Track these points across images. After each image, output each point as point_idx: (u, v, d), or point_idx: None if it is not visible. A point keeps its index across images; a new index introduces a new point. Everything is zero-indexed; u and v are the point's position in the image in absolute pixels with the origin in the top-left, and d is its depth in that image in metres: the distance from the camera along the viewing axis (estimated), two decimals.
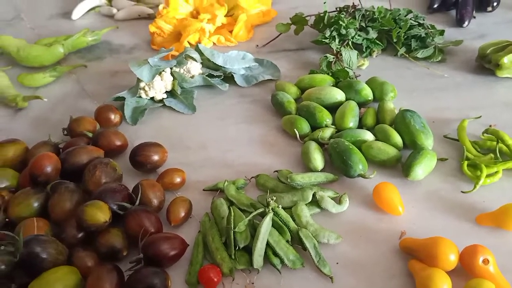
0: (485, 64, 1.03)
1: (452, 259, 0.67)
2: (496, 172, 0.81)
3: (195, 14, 1.35)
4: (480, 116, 0.93)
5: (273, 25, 1.31)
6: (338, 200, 0.82)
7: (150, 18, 1.45)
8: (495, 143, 0.85)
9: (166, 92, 1.11)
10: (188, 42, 1.25)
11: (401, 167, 0.85)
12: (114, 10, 1.48)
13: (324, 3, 1.16)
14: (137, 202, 0.81)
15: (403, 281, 0.70)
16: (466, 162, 0.83)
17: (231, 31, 1.31)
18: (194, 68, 1.12)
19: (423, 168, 0.82)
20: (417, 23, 1.14)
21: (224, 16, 1.32)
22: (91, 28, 1.36)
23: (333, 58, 1.08)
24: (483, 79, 1.03)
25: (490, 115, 0.94)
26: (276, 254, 0.74)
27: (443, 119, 0.95)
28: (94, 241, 0.77)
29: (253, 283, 0.72)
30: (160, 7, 1.34)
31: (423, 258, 0.69)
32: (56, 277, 0.70)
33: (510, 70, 0.99)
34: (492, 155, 0.84)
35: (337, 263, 0.74)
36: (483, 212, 0.76)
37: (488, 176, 0.80)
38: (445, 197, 0.81)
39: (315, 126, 0.96)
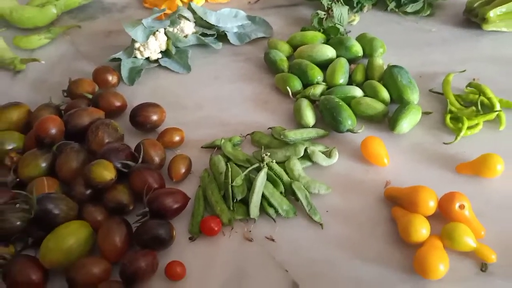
0: (472, 18, 1.05)
1: (431, 205, 0.74)
2: (477, 124, 0.86)
3: None
4: (465, 70, 0.96)
5: None
6: (328, 154, 0.87)
7: None
8: (477, 96, 0.89)
9: (161, 52, 1.13)
10: (181, 0, 1.26)
11: (388, 121, 0.90)
12: None
13: None
14: (140, 160, 0.86)
15: (387, 226, 0.77)
16: (449, 115, 0.88)
17: None
18: (188, 28, 1.13)
19: (408, 122, 0.87)
20: None
21: None
22: None
23: (324, 14, 1.10)
24: (469, 32, 1.06)
25: (475, 69, 0.97)
26: (271, 205, 0.80)
27: (430, 74, 0.99)
28: (102, 197, 0.82)
29: (250, 231, 0.79)
30: None
31: (405, 205, 0.76)
32: (69, 231, 0.76)
33: (495, 24, 1.02)
34: (474, 108, 0.88)
35: (327, 211, 0.80)
36: (463, 162, 0.82)
37: (469, 128, 0.86)
38: (428, 148, 0.86)
39: (307, 83, 1.00)
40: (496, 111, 0.86)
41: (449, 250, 0.71)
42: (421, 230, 0.71)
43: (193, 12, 1.14)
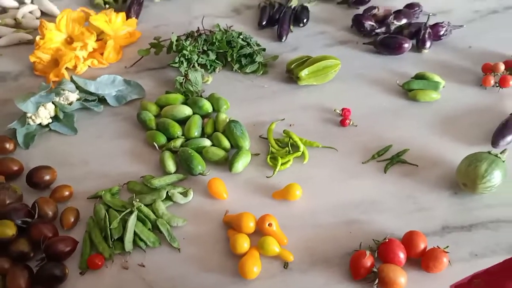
0: (291, 75, 1.41)
1: (251, 225, 1.06)
2: (288, 161, 1.20)
3: (69, 40, 1.58)
4: (284, 119, 1.31)
5: (139, 44, 1.59)
6: (185, 194, 1.17)
7: (31, 42, 1.65)
8: (288, 139, 1.24)
9: (51, 117, 1.37)
10: (67, 68, 1.50)
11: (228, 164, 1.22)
12: None
13: (172, 33, 1.46)
14: (36, 216, 1.10)
15: (225, 244, 1.08)
16: (269, 156, 1.22)
17: (102, 53, 1.57)
18: (72, 96, 1.38)
19: (241, 163, 1.19)
20: (246, 43, 1.48)
21: (95, 41, 1.57)
22: None
23: (183, 79, 1.40)
24: (290, 87, 1.41)
25: (293, 116, 1.32)
26: (141, 239, 1.08)
27: (261, 122, 1.32)
28: (7, 249, 1.05)
29: (127, 261, 1.06)
30: (37, 38, 1.55)
31: (235, 227, 1.07)
32: None
33: (307, 80, 1.38)
34: (287, 148, 1.23)
35: (183, 238, 1.10)
36: (277, 190, 1.15)
37: (283, 164, 1.20)
38: (256, 182, 1.19)
39: (170, 137, 1.29)
40: (300, 151, 1.21)
41: (263, 256, 1.04)
42: (243, 244, 1.03)
43: (75, 83, 1.39)
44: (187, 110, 1.33)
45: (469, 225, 1.07)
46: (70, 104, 1.38)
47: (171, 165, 1.21)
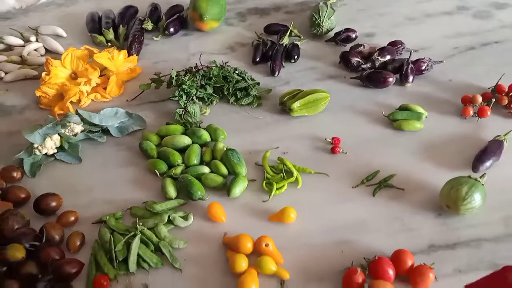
0: (284, 107, 1.51)
1: (249, 246, 1.12)
2: (283, 186, 1.28)
3: (73, 76, 1.67)
4: (278, 147, 1.39)
5: (140, 79, 1.68)
6: (185, 218, 1.23)
7: (36, 78, 1.73)
8: (282, 166, 1.32)
9: (56, 147, 1.44)
10: (71, 101, 1.58)
11: (226, 189, 1.29)
12: (2, 74, 1.75)
13: (172, 69, 1.56)
14: (43, 240, 1.16)
15: (224, 264, 1.14)
16: (265, 181, 1.29)
17: (105, 88, 1.66)
18: (77, 128, 1.46)
19: (239, 188, 1.27)
20: (241, 78, 1.58)
21: (98, 77, 1.66)
22: None
23: (182, 111, 1.49)
24: (284, 118, 1.50)
25: (287, 145, 1.41)
26: (144, 260, 1.14)
27: (257, 151, 1.40)
28: (16, 271, 1.10)
29: (131, 281, 1.11)
30: (43, 74, 1.64)
31: (233, 248, 1.14)
32: None
33: (299, 111, 1.47)
34: (282, 174, 1.31)
35: (185, 259, 1.15)
36: (273, 213, 1.23)
37: (278, 189, 1.27)
38: (253, 206, 1.26)
39: (171, 165, 1.36)
40: (294, 176, 1.29)
41: (261, 275, 1.10)
42: (242, 264, 1.09)
43: (80, 115, 1.47)
44: (186, 140, 1.41)
45: (453, 244, 1.14)
46: (75, 135, 1.46)
47: (172, 191, 1.28)
